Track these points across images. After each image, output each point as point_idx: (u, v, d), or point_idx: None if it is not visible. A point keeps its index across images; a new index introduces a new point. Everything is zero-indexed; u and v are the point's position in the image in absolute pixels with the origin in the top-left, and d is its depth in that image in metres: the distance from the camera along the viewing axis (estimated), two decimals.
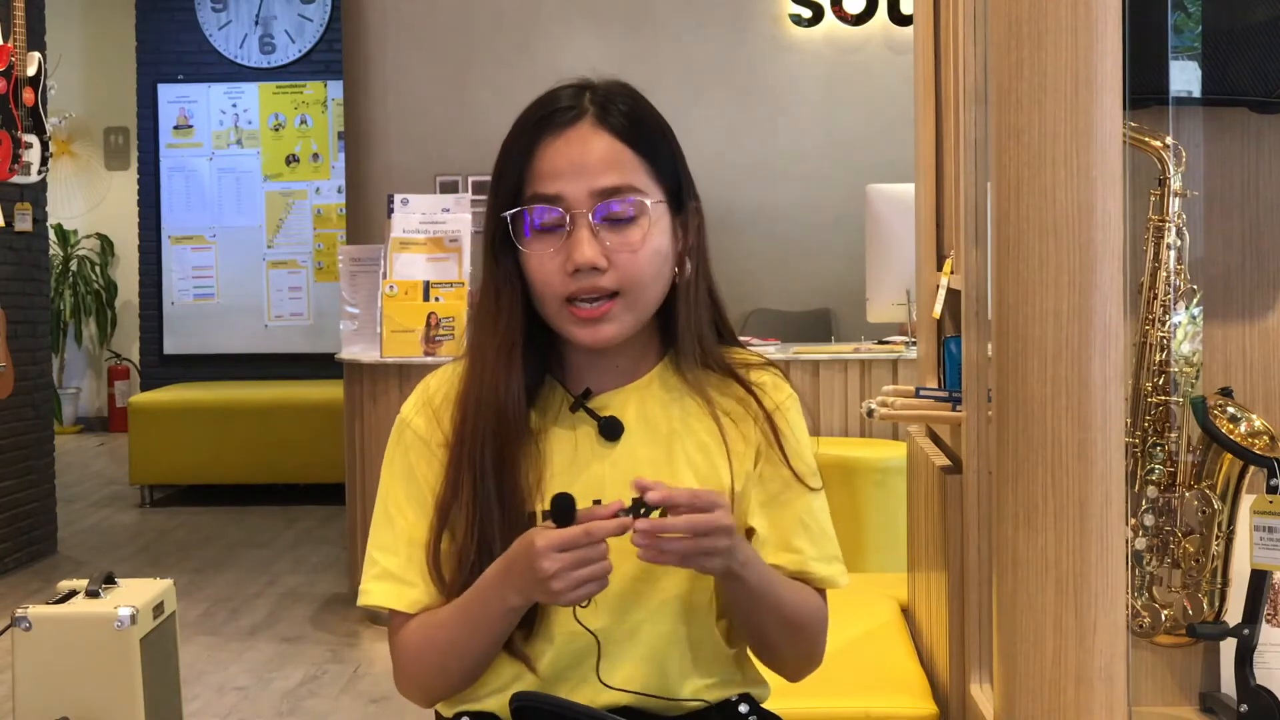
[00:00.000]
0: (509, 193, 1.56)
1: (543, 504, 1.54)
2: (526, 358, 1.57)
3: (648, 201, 1.54)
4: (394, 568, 1.58)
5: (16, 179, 5.74)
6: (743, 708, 1.61)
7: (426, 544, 1.57)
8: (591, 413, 1.59)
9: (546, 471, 1.56)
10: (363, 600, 1.60)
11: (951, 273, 2.51)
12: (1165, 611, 1.94)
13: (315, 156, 9.94)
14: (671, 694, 1.56)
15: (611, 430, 1.58)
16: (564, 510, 1.44)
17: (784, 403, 1.64)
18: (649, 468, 1.57)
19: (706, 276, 1.63)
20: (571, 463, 1.57)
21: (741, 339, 1.74)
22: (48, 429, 6.47)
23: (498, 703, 1.57)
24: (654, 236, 1.55)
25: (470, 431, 1.55)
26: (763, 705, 1.65)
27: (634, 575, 1.54)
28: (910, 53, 3.07)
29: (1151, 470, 1.93)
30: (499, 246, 1.57)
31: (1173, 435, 1.93)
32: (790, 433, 1.62)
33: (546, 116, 1.55)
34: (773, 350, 5.00)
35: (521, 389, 1.56)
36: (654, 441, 1.59)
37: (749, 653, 1.66)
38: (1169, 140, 1.93)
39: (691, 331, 1.60)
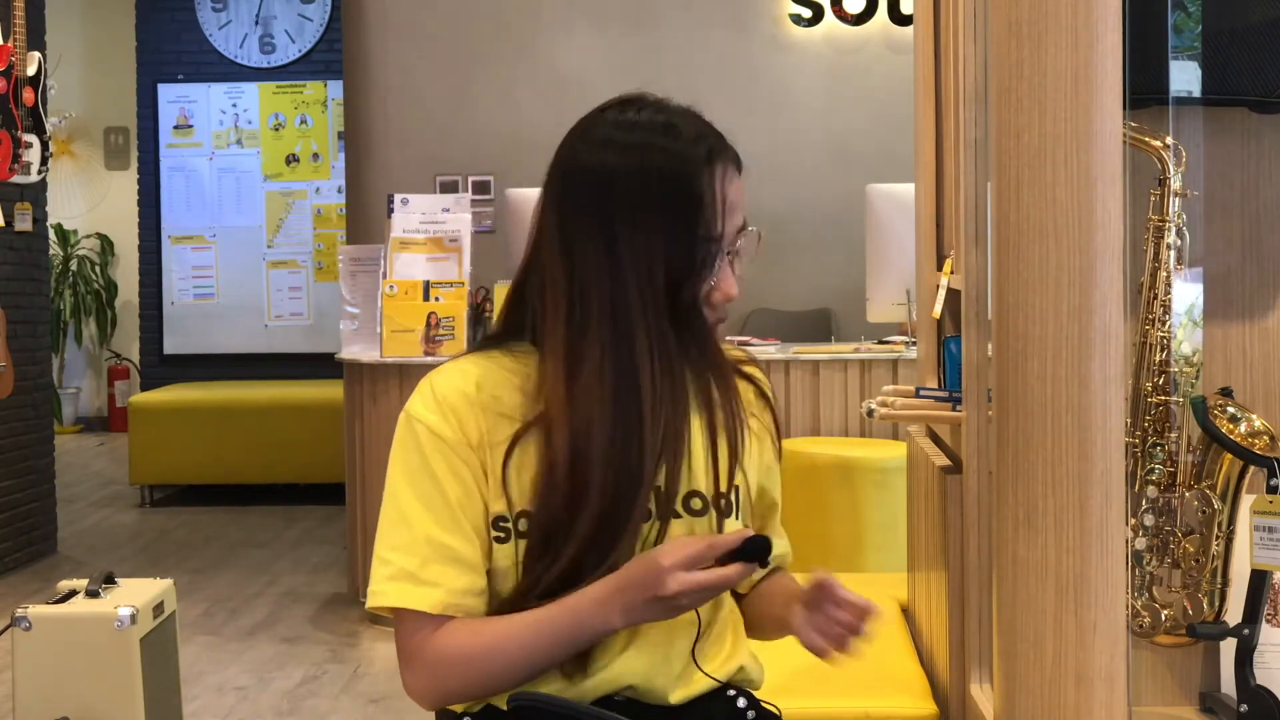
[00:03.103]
0: (682, 210, 1.55)
1: None
2: None
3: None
4: (412, 568, 1.53)
5: (16, 179, 5.74)
6: (741, 702, 1.62)
7: (467, 553, 1.54)
8: None
9: None
10: (376, 602, 1.55)
11: (951, 273, 2.51)
12: (1165, 611, 1.94)
13: (315, 156, 9.94)
14: (674, 676, 1.58)
15: None
16: (759, 551, 1.47)
17: (770, 394, 1.75)
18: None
19: None
20: None
21: (741, 339, 1.80)
22: (48, 429, 6.47)
23: (498, 697, 1.56)
24: None
25: None
26: (761, 703, 1.66)
27: None
28: (910, 53, 3.07)
29: (1151, 470, 1.93)
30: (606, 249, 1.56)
31: (1173, 435, 1.93)
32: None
33: (717, 150, 1.57)
34: (773, 350, 4.99)
35: None
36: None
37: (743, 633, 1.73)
38: (1169, 140, 1.93)
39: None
